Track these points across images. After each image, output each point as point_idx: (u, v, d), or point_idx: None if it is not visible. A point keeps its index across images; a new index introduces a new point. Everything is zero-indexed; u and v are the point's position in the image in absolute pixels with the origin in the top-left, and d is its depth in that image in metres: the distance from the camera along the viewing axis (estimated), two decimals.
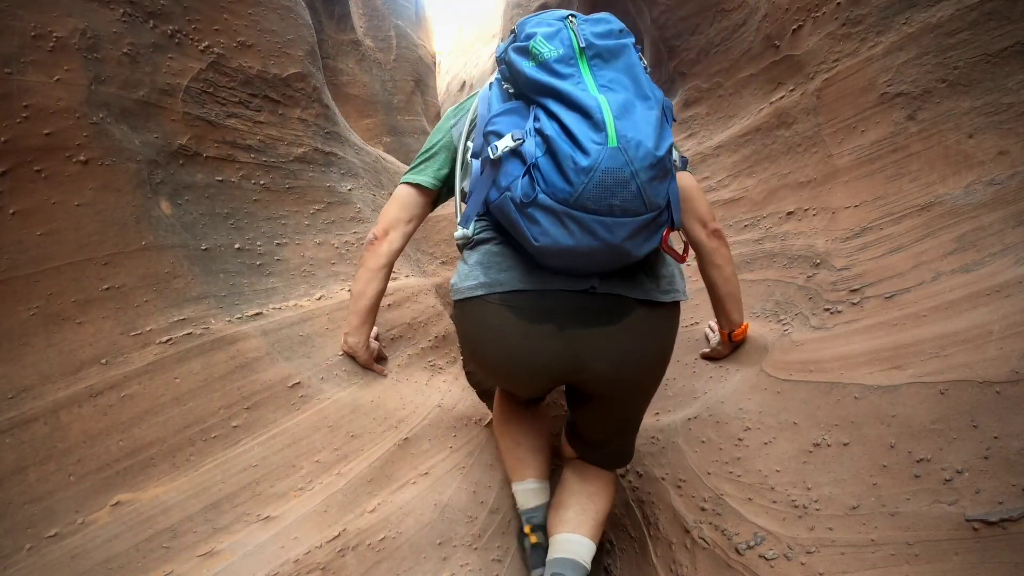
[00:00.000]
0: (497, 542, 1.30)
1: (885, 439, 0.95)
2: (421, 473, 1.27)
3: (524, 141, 0.83)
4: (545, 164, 0.80)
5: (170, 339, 1.04)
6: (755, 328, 1.44)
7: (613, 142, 0.77)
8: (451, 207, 1.36)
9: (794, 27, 1.53)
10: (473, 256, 1.00)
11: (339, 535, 1.04)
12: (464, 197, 1.06)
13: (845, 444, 1.00)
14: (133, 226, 1.04)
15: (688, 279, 1.61)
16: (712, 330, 1.49)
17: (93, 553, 0.87)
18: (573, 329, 0.93)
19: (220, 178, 1.31)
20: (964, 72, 1.16)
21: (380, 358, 1.42)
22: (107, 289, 0.99)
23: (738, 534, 1.05)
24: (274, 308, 1.29)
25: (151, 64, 1.16)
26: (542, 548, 1.16)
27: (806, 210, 1.47)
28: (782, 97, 1.61)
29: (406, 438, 1.30)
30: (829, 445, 1.02)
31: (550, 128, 0.80)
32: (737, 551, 1.02)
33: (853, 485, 0.95)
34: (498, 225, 0.97)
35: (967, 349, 0.92)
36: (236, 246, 1.29)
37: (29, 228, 0.92)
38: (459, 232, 1.01)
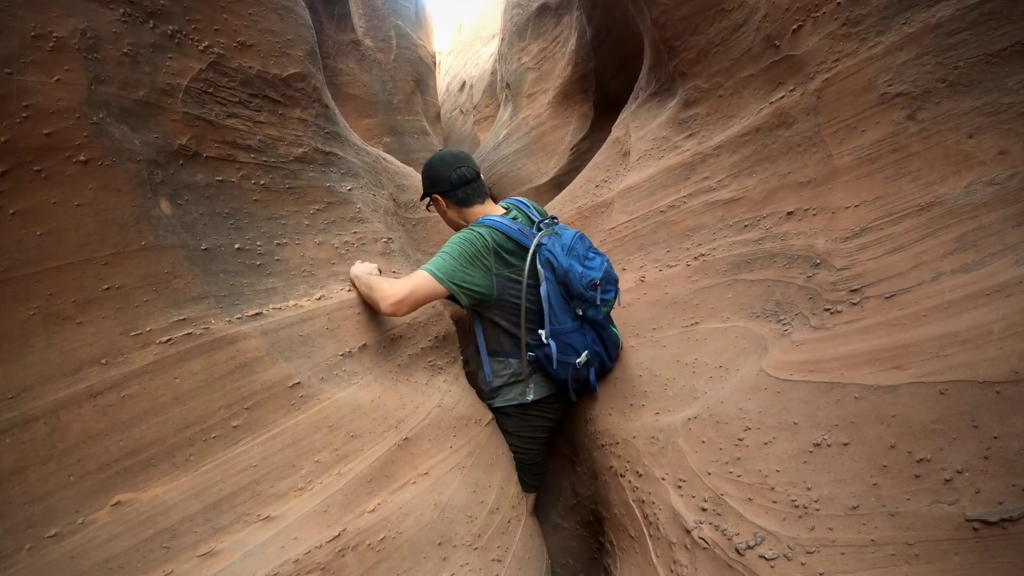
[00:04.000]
0: (497, 542, 1.30)
1: (885, 439, 0.95)
2: (421, 473, 1.27)
3: (590, 359, 1.64)
4: (597, 365, 1.68)
5: (170, 339, 1.04)
6: (755, 328, 1.44)
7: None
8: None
9: (794, 27, 1.53)
10: (527, 384, 1.73)
11: (339, 535, 1.05)
12: (518, 345, 1.67)
13: (845, 444, 1.00)
14: (133, 226, 1.04)
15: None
16: None
17: (93, 553, 0.87)
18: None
19: (220, 178, 1.31)
20: (964, 72, 1.16)
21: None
22: (107, 289, 0.99)
23: (738, 534, 1.05)
24: (274, 308, 1.29)
25: (151, 64, 1.16)
26: None
27: (806, 210, 1.47)
28: (782, 97, 1.61)
29: (406, 438, 1.30)
30: (829, 445, 1.02)
31: (601, 351, 1.67)
32: (737, 551, 1.02)
33: (853, 485, 0.95)
34: (541, 368, 1.70)
35: (967, 349, 0.93)
36: (236, 246, 1.29)
37: (29, 228, 0.92)
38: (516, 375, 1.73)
